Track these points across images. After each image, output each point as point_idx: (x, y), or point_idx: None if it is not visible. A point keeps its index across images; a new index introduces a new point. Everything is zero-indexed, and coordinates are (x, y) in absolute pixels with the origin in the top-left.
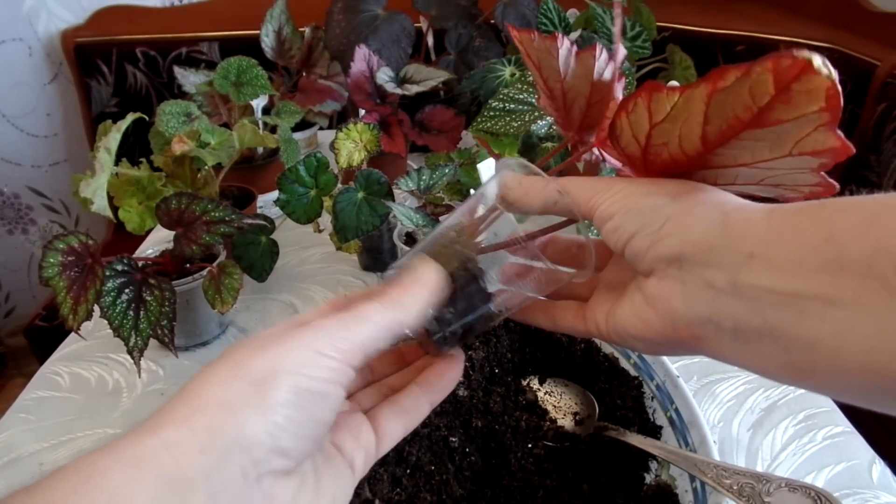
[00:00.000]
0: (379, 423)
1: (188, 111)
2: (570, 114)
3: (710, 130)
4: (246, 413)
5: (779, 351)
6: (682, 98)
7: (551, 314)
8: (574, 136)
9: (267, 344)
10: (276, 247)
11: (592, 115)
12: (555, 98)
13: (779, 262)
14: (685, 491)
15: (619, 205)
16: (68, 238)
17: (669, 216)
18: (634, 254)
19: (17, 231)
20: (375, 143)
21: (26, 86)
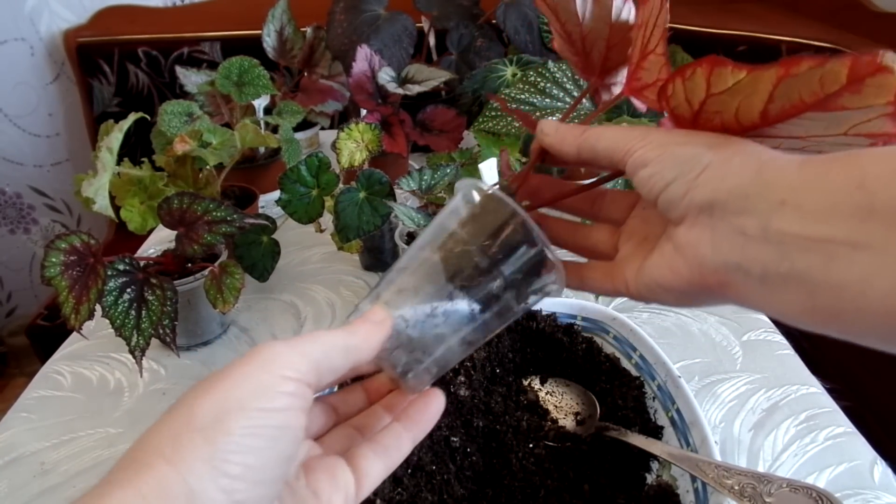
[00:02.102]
0: (358, 463)
1: (190, 111)
2: (590, 57)
3: (772, 108)
4: (195, 468)
5: (804, 295)
6: (748, 77)
7: (579, 273)
8: (596, 80)
9: (215, 382)
10: (278, 246)
11: (613, 57)
12: (573, 42)
13: (809, 209)
14: (686, 491)
15: (656, 152)
16: (70, 238)
17: (707, 164)
18: (669, 200)
19: (19, 231)
20: (377, 143)
21: (28, 85)
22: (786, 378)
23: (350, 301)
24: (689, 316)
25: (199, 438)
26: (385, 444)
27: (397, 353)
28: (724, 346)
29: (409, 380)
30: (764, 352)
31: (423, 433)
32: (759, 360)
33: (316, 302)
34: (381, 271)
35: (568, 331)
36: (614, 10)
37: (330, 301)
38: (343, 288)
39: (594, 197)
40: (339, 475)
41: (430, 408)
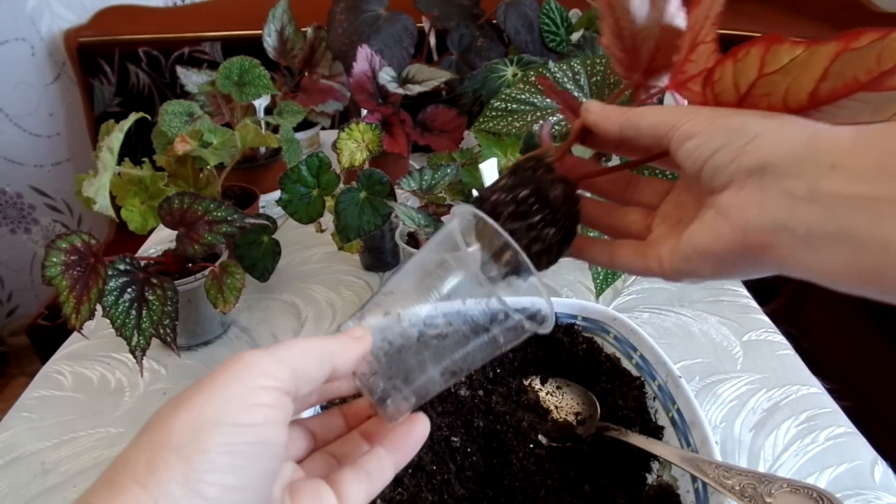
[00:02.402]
0: (341, 488)
1: (190, 111)
2: (638, 55)
3: (823, 87)
4: (169, 491)
5: (849, 255)
6: (805, 52)
7: (609, 251)
8: (640, 78)
9: (191, 395)
10: (278, 246)
11: (659, 59)
12: (623, 38)
13: (859, 171)
14: (687, 491)
15: (704, 124)
16: (71, 237)
17: (758, 133)
18: (716, 167)
19: (20, 230)
20: (377, 143)
21: (29, 85)
22: (786, 378)
23: (351, 301)
24: (689, 316)
25: (174, 458)
26: (368, 469)
27: (375, 379)
28: (724, 346)
29: (387, 407)
30: (764, 352)
31: (406, 459)
32: (759, 361)
33: (316, 302)
34: (382, 271)
35: (568, 331)
36: (667, 15)
37: (330, 301)
38: (343, 288)
39: (628, 181)
40: (325, 499)
41: (414, 433)
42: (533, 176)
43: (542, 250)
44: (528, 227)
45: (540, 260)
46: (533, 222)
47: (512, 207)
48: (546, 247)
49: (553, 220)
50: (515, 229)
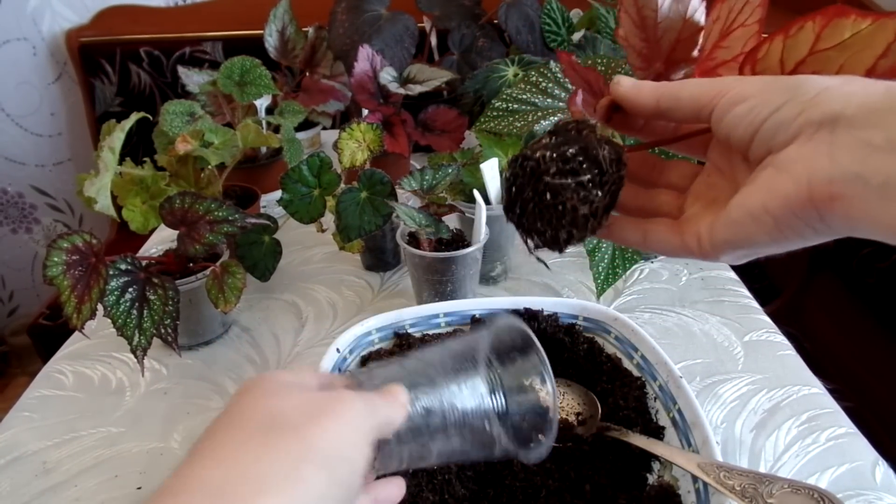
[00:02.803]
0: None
1: (192, 111)
2: (659, 45)
3: (882, 64)
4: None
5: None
6: (872, 26)
7: (643, 229)
8: (660, 66)
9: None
10: (279, 246)
11: (679, 51)
12: (646, 27)
13: None
14: (687, 492)
15: (758, 86)
16: (72, 237)
17: (826, 87)
18: (779, 123)
19: (21, 230)
20: (378, 142)
21: (30, 85)
22: (787, 379)
23: (352, 301)
24: (690, 316)
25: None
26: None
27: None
28: (725, 346)
29: (376, 471)
30: (765, 352)
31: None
32: (760, 361)
33: (317, 302)
34: (383, 271)
35: (569, 331)
36: (690, 8)
37: (331, 301)
38: (344, 288)
39: (654, 164)
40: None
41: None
42: (579, 136)
43: (588, 213)
44: (578, 185)
45: (586, 224)
46: (582, 181)
47: (560, 164)
48: (593, 210)
49: (601, 181)
50: (563, 187)
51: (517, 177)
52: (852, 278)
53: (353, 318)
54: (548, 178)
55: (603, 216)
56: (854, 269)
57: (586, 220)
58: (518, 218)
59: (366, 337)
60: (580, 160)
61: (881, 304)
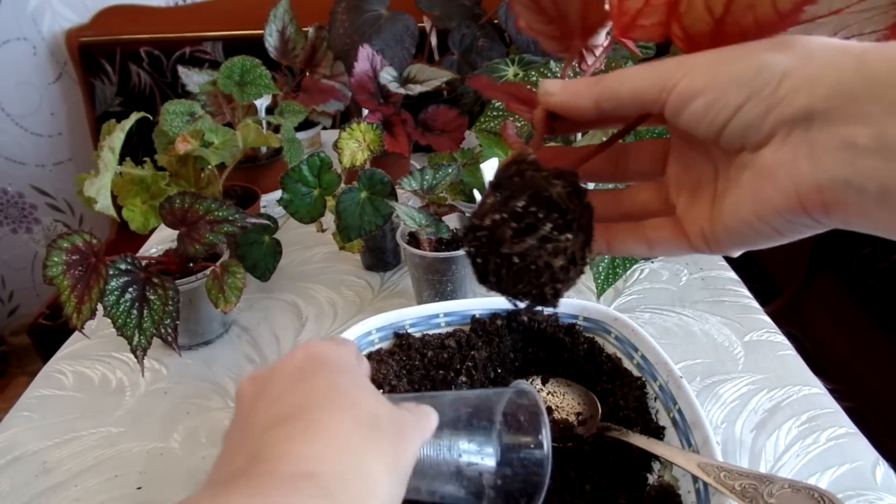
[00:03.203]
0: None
1: (192, 111)
2: (568, 21)
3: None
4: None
5: None
6: None
7: (645, 237)
8: (579, 43)
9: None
10: (279, 246)
11: (591, 15)
12: (544, 9)
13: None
14: (688, 492)
15: (706, 76)
16: (72, 237)
17: (785, 72)
18: (746, 126)
19: (21, 230)
20: (378, 142)
21: (30, 85)
22: (788, 379)
23: (352, 301)
24: (690, 316)
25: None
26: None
27: None
28: (725, 346)
29: None
30: (766, 352)
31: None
32: (761, 361)
33: (317, 302)
34: (383, 271)
35: (569, 331)
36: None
37: (331, 301)
38: (345, 288)
39: (616, 156)
40: None
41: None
42: (522, 180)
43: (566, 263)
44: (542, 240)
45: (567, 275)
46: (545, 233)
47: (514, 224)
48: (570, 257)
49: (566, 222)
50: (528, 249)
51: (477, 249)
52: (852, 278)
53: (353, 318)
54: (507, 249)
55: (583, 255)
56: (854, 269)
57: (566, 270)
58: (496, 286)
59: (366, 337)
60: (534, 211)
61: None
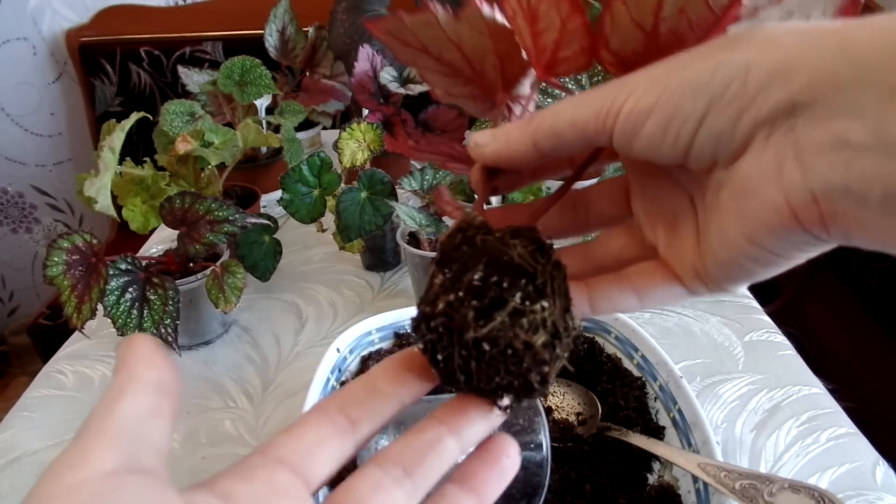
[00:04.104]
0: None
1: (192, 111)
2: (486, 78)
3: None
4: None
5: None
6: None
7: (630, 286)
8: (504, 96)
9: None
10: (280, 246)
11: (509, 65)
12: (459, 71)
13: None
14: (688, 492)
15: (654, 92)
16: (72, 237)
17: (748, 65)
18: (716, 137)
19: (22, 230)
20: (379, 142)
21: (30, 85)
22: (788, 379)
23: (352, 301)
24: (690, 316)
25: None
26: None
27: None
28: (725, 346)
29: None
30: (766, 352)
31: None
32: (761, 361)
33: (317, 302)
34: (383, 271)
35: None
36: (486, 17)
37: (331, 301)
38: (345, 288)
39: (573, 205)
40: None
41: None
42: (473, 248)
43: (549, 339)
44: (513, 314)
45: (554, 353)
46: (516, 305)
47: (475, 303)
48: (552, 330)
49: (537, 287)
50: (499, 330)
51: (435, 343)
52: (852, 278)
53: (353, 318)
54: (472, 333)
55: (566, 325)
56: (854, 269)
57: (550, 346)
58: (466, 385)
59: (366, 337)
60: (496, 281)
61: (881, 304)
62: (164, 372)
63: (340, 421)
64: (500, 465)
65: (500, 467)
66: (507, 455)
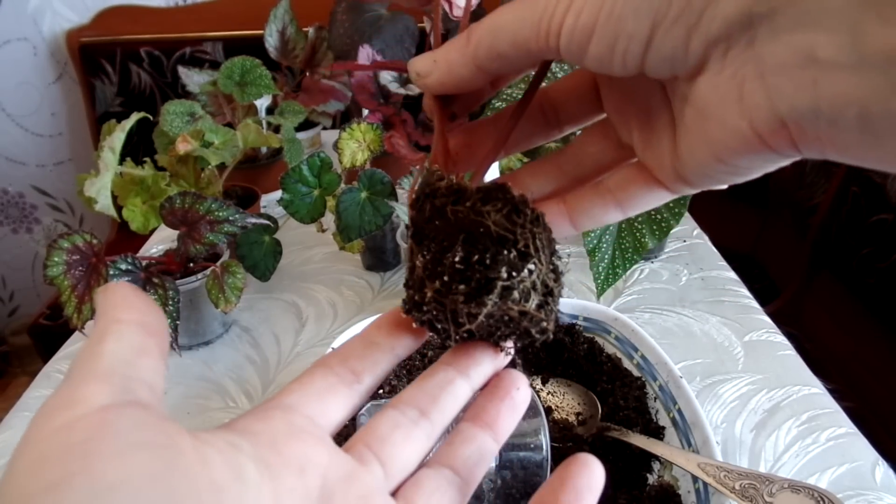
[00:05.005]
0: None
1: (192, 111)
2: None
3: None
4: None
5: None
6: None
7: (611, 198)
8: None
9: None
10: (280, 246)
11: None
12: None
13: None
14: (688, 492)
15: (594, 6)
16: (72, 237)
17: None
18: (668, 59)
19: (22, 230)
20: (379, 142)
21: (31, 85)
22: (787, 379)
23: (352, 301)
24: (690, 316)
25: None
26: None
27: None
28: (725, 346)
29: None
30: (766, 352)
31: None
32: (760, 361)
33: (318, 302)
34: (384, 271)
35: (569, 331)
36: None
37: (331, 301)
38: (345, 288)
39: (541, 108)
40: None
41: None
42: (446, 223)
43: (542, 299)
44: (504, 291)
45: (549, 307)
46: (504, 282)
47: (462, 287)
48: (543, 289)
49: (521, 252)
50: (492, 310)
51: (432, 323)
52: (852, 278)
53: (353, 318)
54: (467, 323)
55: (556, 274)
56: (854, 269)
57: (545, 304)
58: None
59: None
60: (478, 260)
61: (881, 304)
62: (146, 313)
63: (344, 373)
64: (511, 398)
65: (512, 401)
66: (517, 387)
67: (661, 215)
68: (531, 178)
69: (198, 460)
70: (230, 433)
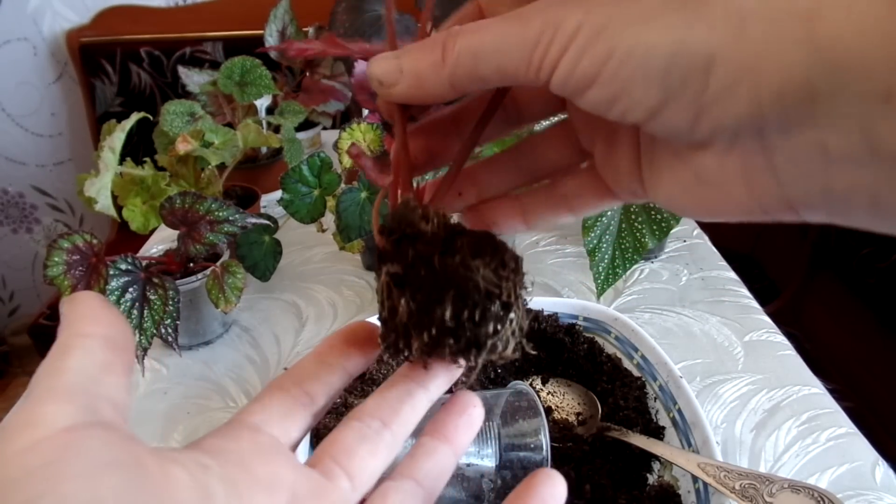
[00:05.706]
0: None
1: (192, 111)
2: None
3: None
4: None
5: None
6: None
7: (564, 204)
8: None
9: None
10: (280, 246)
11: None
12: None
13: None
14: (688, 492)
15: (598, 56)
16: (73, 237)
17: (712, 58)
18: (670, 132)
19: (22, 230)
20: (379, 143)
21: (31, 85)
22: (787, 379)
23: (352, 301)
24: (690, 316)
25: None
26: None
27: None
28: (725, 346)
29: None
30: (766, 352)
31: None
32: (760, 361)
33: (317, 302)
34: None
35: (570, 331)
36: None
37: (331, 301)
38: (345, 288)
39: (504, 107)
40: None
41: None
42: (432, 275)
43: (517, 343)
44: (492, 347)
45: (521, 334)
46: (491, 338)
47: (451, 342)
48: (520, 332)
49: (504, 304)
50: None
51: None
52: (852, 278)
53: (353, 318)
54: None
55: (525, 307)
56: (854, 269)
57: (518, 343)
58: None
59: None
60: (468, 317)
61: (881, 304)
62: (113, 327)
63: (300, 394)
64: (469, 414)
65: (469, 417)
66: (474, 405)
67: (661, 215)
68: (488, 174)
69: (165, 480)
70: (198, 452)
